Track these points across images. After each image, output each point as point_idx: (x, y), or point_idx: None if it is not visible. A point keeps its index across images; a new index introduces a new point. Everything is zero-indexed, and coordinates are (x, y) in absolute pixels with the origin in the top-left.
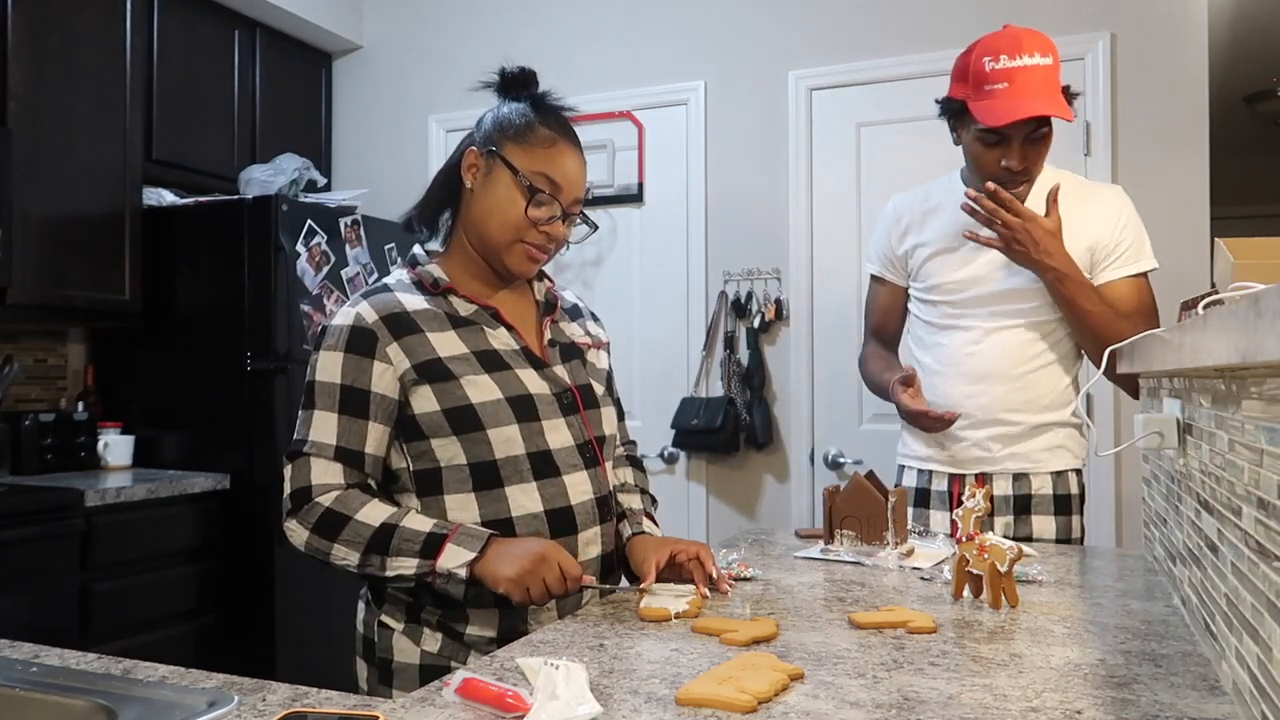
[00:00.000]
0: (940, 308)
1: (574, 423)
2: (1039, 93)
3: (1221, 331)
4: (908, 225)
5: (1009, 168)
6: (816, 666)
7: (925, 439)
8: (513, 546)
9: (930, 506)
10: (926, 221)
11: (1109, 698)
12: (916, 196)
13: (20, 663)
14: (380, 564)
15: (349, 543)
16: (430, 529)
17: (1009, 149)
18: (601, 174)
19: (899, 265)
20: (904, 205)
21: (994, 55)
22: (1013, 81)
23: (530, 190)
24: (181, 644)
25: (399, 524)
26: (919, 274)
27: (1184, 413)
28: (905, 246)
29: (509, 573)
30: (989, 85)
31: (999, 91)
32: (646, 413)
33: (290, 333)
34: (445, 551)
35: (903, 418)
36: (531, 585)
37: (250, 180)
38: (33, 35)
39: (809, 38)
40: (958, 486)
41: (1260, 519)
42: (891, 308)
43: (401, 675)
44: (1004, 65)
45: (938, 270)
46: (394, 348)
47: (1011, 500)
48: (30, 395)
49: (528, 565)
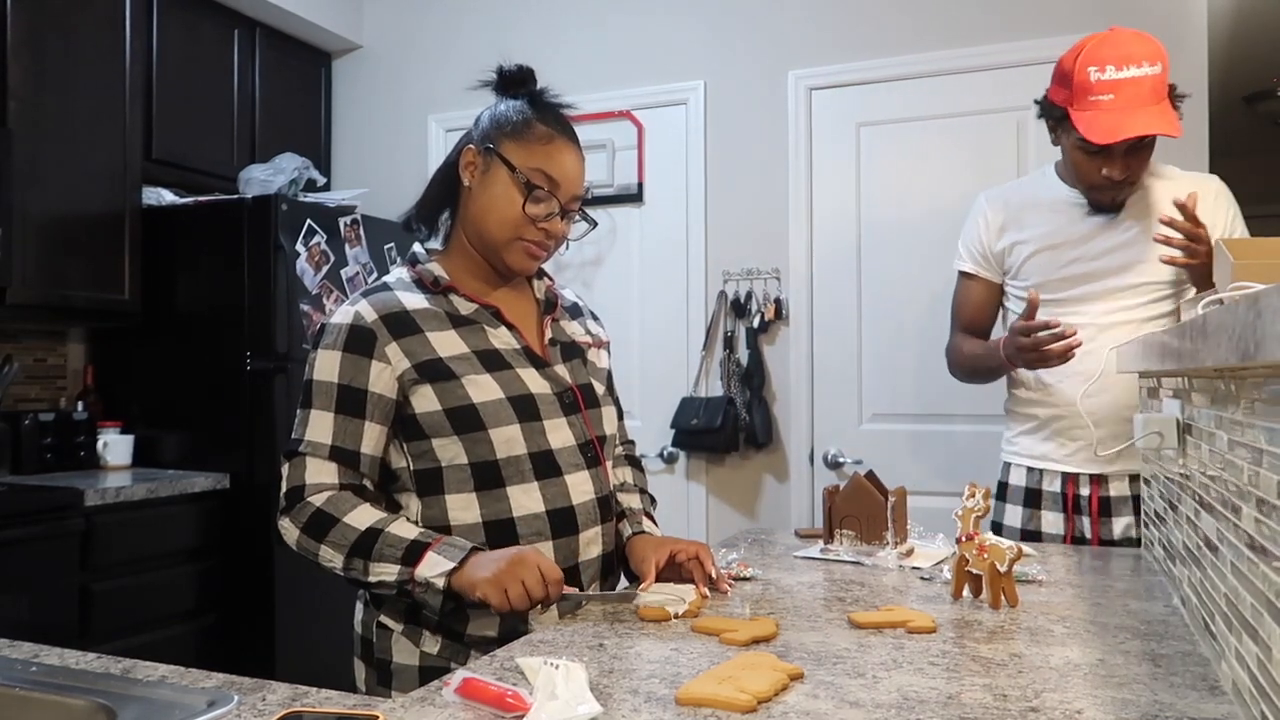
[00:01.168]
0: (1046, 306)
1: (575, 422)
2: (1146, 105)
3: (1221, 331)
4: (1004, 221)
5: (1110, 177)
6: (816, 666)
7: (1038, 435)
8: (492, 555)
9: (1041, 507)
10: (1025, 218)
11: (1109, 698)
12: (1011, 191)
13: (20, 662)
14: (363, 568)
15: (335, 545)
16: (414, 536)
17: (1110, 159)
18: (601, 174)
19: (994, 262)
20: (998, 201)
21: (1099, 65)
22: (1119, 94)
23: (528, 186)
24: (181, 644)
25: (384, 529)
26: (1019, 271)
27: (1184, 413)
28: (1003, 243)
29: (485, 575)
30: (1093, 96)
31: (1104, 104)
32: (646, 412)
33: (290, 332)
34: (425, 560)
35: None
36: (510, 587)
37: (250, 180)
38: (33, 35)
39: (809, 38)
40: (1071, 487)
41: (1260, 519)
42: (985, 304)
43: (401, 676)
44: (1110, 77)
45: (1042, 268)
46: (393, 347)
47: (1130, 501)
48: (30, 395)
49: (505, 568)
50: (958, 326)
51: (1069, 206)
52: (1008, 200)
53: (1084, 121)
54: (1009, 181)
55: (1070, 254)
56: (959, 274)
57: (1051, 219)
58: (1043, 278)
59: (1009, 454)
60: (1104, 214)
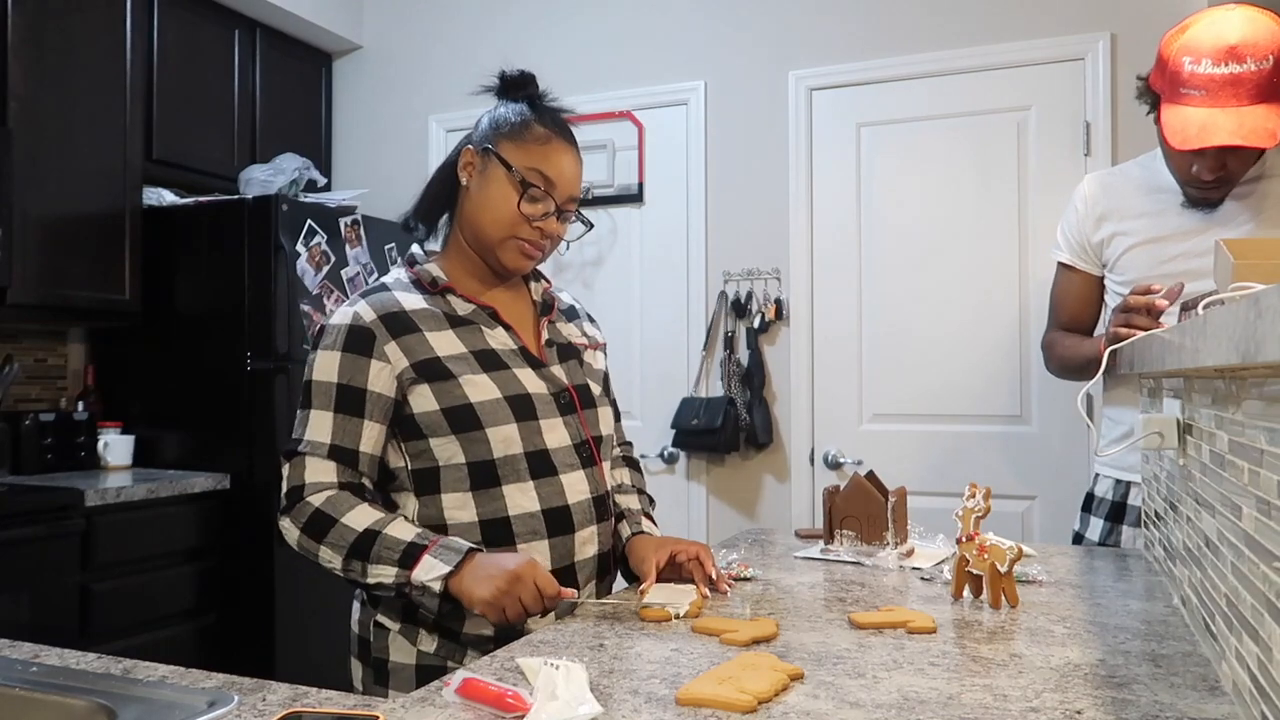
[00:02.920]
0: None
1: (571, 422)
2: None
3: (1221, 331)
4: (1105, 210)
5: (1199, 176)
6: (816, 666)
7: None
8: (488, 565)
9: (1124, 521)
10: (1126, 207)
11: (1109, 698)
12: (1115, 177)
13: (20, 663)
14: (361, 570)
15: (334, 546)
16: (411, 539)
17: (1202, 157)
18: (601, 174)
19: (1093, 254)
20: (1100, 187)
21: (1195, 57)
22: (1211, 92)
23: (523, 185)
24: (181, 644)
25: (382, 531)
26: (1116, 265)
27: (1184, 413)
28: (1102, 234)
29: (483, 594)
30: (1184, 90)
31: (1193, 99)
32: (646, 413)
33: (290, 333)
34: (421, 563)
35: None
36: (507, 606)
37: (250, 180)
38: (33, 35)
39: (809, 38)
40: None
41: (1260, 519)
42: (1085, 299)
43: (397, 675)
44: (1205, 71)
45: (1140, 263)
46: (392, 346)
47: None
48: (30, 395)
49: (502, 585)
50: (1057, 322)
51: (1175, 197)
52: (1109, 186)
53: (1169, 117)
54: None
55: (1173, 250)
56: (1058, 265)
57: (1154, 210)
58: (1142, 273)
59: (1099, 463)
60: (1200, 209)
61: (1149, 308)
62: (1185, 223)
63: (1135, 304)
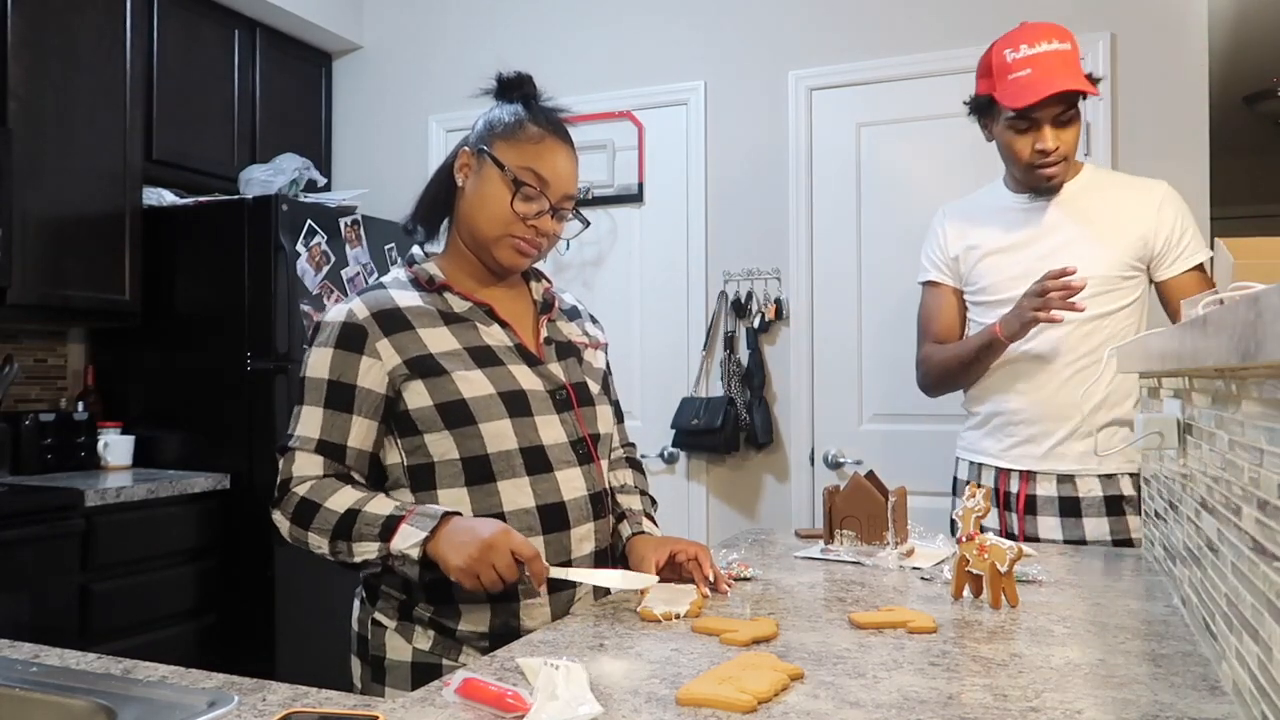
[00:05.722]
0: (995, 309)
1: (568, 419)
2: (1061, 73)
3: (1221, 331)
4: (960, 229)
5: (1042, 150)
6: (816, 666)
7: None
8: (462, 532)
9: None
10: (976, 225)
11: (1109, 698)
12: (964, 202)
13: (20, 663)
14: (347, 550)
15: (320, 530)
16: (389, 512)
17: (1040, 133)
18: (601, 174)
19: (953, 268)
20: (954, 211)
21: (1014, 46)
22: (1035, 67)
23: (516, 184)
24: (181, 644)
25: (362, 509)
26: (971, 276)
27: (1184, 413)
28: (958, 249)
29: (457, 562)
30: (1012, 74)
31: (1023, 78)
32: (646, 413)
33: (290, 333)
34: (399, 532)
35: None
36: (482, 573)
37: (250, 180)
38: (33, 35)
39: (809, 38)
40: (1004, 483)
41: (1260, 519)
42: (953, 310)
43: (394, 673)
44: (1024, 54)
45: (989, 271)
46: (384, 343)
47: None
48: (30, 395)
49: (475, 554)
50: (930, 337)
51: (1015, 212)
52: (962, 210)
53: (1008, 95)
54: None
55: (1016, 256)
56: (923, 287)
57: (999, 224)
58: (992, 280)
59: (959, 449)
60: (1045, 197)
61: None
62: (1025, 233)
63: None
